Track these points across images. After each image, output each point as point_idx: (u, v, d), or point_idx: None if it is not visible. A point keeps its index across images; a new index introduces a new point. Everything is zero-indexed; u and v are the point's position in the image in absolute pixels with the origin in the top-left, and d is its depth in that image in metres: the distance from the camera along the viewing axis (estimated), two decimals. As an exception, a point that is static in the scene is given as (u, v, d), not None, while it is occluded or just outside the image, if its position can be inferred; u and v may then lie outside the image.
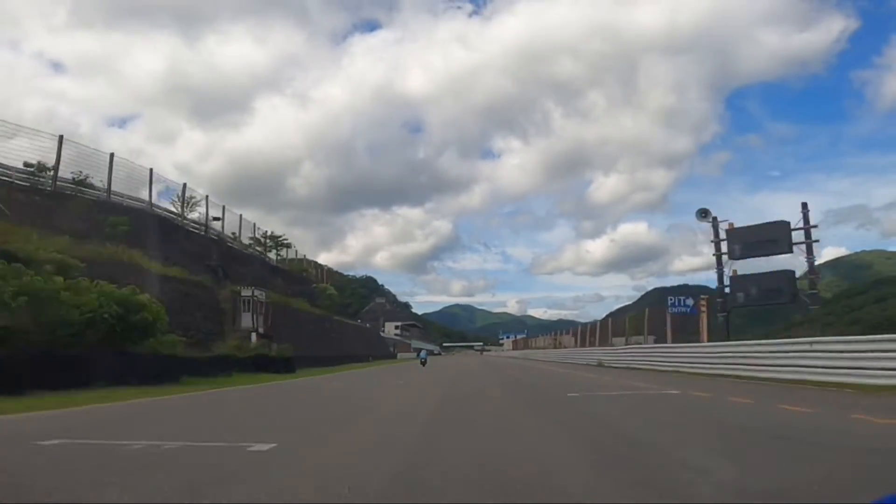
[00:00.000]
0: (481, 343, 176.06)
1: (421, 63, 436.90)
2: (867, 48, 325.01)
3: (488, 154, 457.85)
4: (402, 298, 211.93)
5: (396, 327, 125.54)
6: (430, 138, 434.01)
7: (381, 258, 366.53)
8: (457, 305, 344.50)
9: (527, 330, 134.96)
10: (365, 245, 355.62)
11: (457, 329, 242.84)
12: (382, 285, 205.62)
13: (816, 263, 20.01)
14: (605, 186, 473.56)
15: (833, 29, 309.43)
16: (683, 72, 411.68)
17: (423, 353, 30.60)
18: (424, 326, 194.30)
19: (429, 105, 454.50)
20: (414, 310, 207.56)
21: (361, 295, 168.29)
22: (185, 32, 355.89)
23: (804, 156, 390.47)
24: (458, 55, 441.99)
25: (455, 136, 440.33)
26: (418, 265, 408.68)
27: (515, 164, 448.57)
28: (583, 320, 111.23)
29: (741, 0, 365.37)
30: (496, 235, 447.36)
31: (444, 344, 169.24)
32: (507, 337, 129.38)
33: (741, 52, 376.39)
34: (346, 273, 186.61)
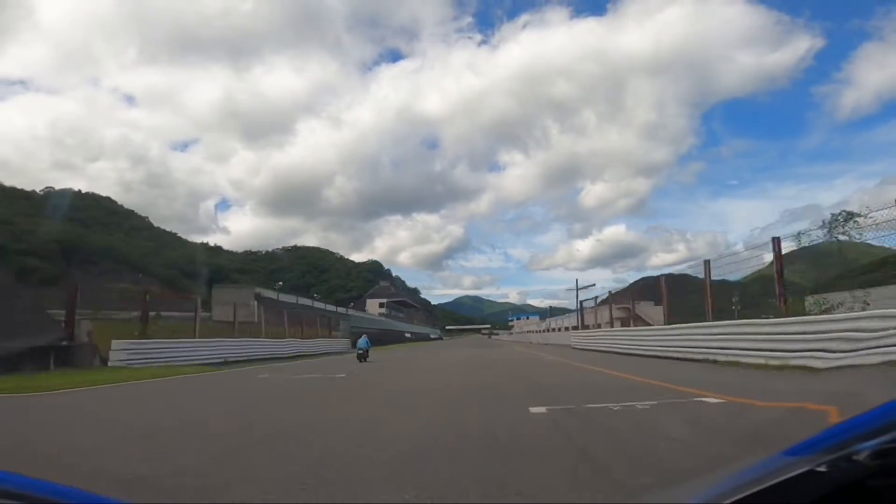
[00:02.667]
0: (489, 326, 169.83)
1: (437, 87, 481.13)
2: (828, 65, 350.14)
3: (494, 167, 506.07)
4: (422, 293, 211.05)
5: (381, 305, 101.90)
6: (445, 153, 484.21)
7: (403, 257, 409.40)
8: (466, 296, 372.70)
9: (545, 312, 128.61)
10: (390, 246, 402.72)
11: (465, 314, 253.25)
12: (388, 269, 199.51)
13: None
14: (593, 193, 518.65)
15: (801, 48, 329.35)
16: (665, 90, 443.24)
17: (362, 342, 20.95)
18: (429, 310, 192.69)
19: (444, 124, 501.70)
20: (424, 296, 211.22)
21: (367, 279, 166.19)
22: (235, 65, 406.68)
23: (759, 167, 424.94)
24: (469, 80, 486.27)
25: (466, 151, 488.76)
26: (435, 263, 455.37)
27: (517, 175, 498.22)
28: (572, 308, 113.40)
29: (721, 24, 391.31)
30: (500, 238, 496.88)
31: (448, 327, 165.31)
32: (518, 318, 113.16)
33: (718, 72, 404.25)
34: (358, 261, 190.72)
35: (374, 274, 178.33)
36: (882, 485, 0.68)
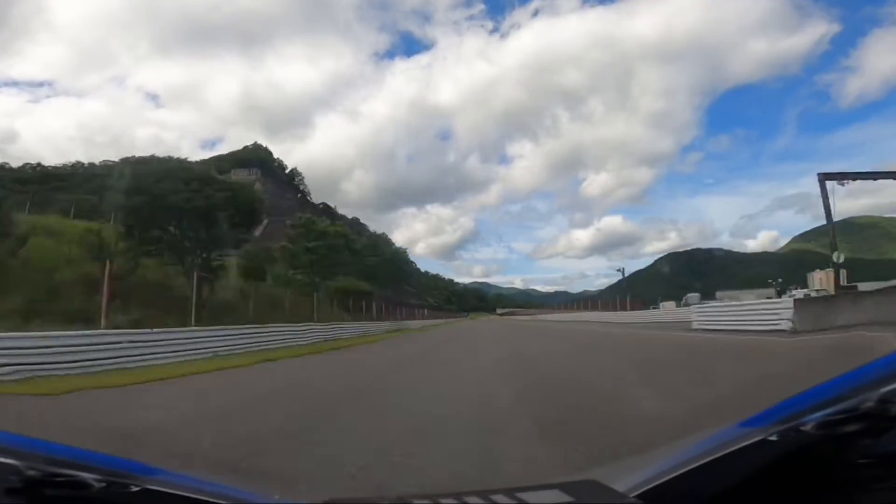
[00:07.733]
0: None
1: (450, 77, 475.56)
2: (838, 52, 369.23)
3: (503, 159, 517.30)
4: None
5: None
6: (457, 144, 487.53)
7: (419, 248, 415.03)
8: (475, 282, 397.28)
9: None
10: (407, 238, 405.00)
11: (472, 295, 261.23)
12: (343, 215, 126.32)
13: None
14: (595, 183, 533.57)
15: (817, 32, 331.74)
16: (671, 78, 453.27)
17: None
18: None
19: (455, 115, 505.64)
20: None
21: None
22: (249, 54, 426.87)
23: (732, 166, 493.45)
24: (481, 68, 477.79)
25: (477, 142, 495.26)
26: (448, 254, 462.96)
27: (524, 166, 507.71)
28: (572, 291, 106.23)
29: (734, 8, 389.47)
30: (507, 231, 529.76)
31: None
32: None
33: (728, 60, 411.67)
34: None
35: (255, 166, 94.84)
36: (823, 452, 0.74)
